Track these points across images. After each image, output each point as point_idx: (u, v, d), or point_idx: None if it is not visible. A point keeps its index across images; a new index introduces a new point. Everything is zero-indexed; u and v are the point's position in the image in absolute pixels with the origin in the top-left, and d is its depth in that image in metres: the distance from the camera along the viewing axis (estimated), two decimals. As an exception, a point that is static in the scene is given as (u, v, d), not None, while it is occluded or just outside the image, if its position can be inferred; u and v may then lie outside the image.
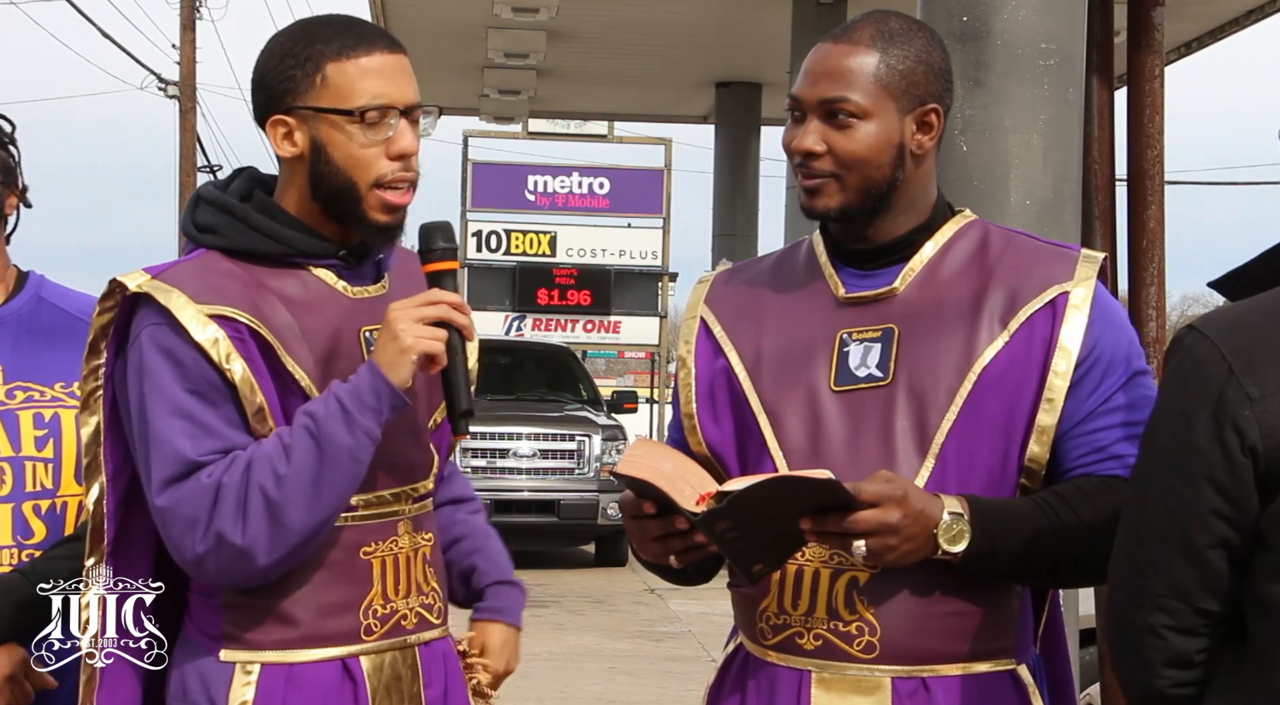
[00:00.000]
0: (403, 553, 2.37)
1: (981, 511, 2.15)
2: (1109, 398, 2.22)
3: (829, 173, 2.24)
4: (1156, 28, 3.92)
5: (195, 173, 24.27)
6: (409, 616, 2.38)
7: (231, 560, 2.21)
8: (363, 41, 2.31)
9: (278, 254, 2.33)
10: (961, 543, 2.12)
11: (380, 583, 2.34)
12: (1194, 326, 1.88)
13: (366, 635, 2.34)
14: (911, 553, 2.11)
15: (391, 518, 2.36)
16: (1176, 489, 1.82)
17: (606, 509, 13.41)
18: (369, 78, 2.29)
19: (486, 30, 12.85)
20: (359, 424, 2.21)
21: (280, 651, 2.31)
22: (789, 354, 2.30)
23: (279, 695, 2.30)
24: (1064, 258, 2.29)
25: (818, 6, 11.56)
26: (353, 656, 2.33)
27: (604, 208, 22.01)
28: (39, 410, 2.72)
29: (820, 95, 2.24)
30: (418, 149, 2.33)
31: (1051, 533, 2.16)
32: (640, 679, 8.99)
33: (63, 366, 2.76)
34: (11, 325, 2.78)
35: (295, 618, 2.31)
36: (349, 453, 2.21)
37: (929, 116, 2.27)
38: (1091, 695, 4.80)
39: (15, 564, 2.66)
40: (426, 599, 2.41)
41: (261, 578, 2.26)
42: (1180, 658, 1.84)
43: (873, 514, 2.07)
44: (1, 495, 2.67)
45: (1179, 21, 11.28)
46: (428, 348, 2.23)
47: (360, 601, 2.33)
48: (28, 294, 2.82)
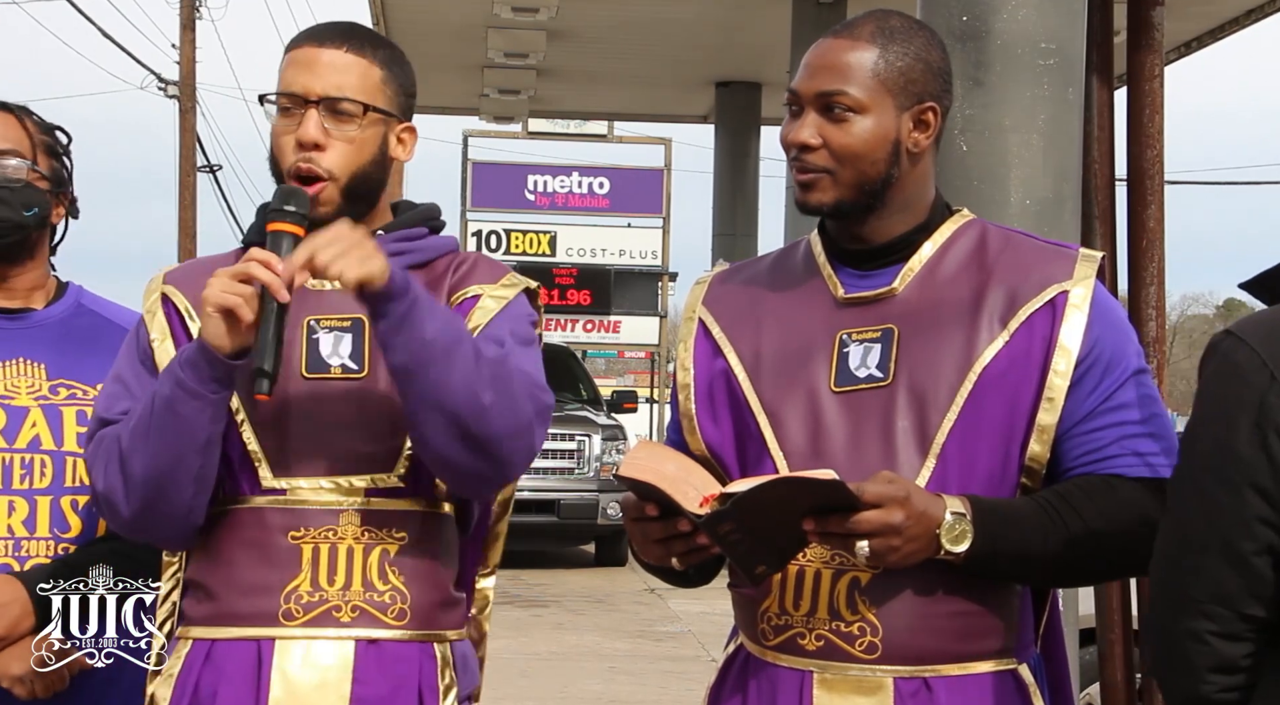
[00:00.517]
0: (344, 543, 2.35)
1: (983, 512, 2.15)
2: (1109, 397, 2.22)
3: (823, 167, 2.24)
4: (1156, 27, 3.92)
5: (195, 173, 24.27)
6: (344, 609, 2.34)
7: (105, 508, 2.37)
8: (305, 36, 2.43)
9: (253, 243, 2.40)
10: (964, 543, 2.12)
11: (310, 569, 2.34)
12: (1231, 332, 1.88)
13: (286, 619, 2.33)
14: (914, 553, 2.11)
15: (331, 506, 2.35)
16: (1218, 496, 1.82)
17: (606, 509, 13.41)
18: (290, 68, 2.40)
19: (486, 30, 12.84)
20: (177, 377, 2.29)
21: (206, 627, 2.37)
22: (788, 355, 2.30)
23: (196, 671, 2.35)
24: (1063, 257, 2.29)
25: (817, 6, 11.55)
26: (267, 640, 2.33)
27: (604, 207, 22.00)
28: (82, 408, 2.78)
29: (817, 88, 2.24)
30: (316, 138, 2.35)
31: (1053, 533, 2.17)
32: (640, 679, 8.99)
33: (103, 369, 2.81)
34: (53, 328, 2.86)
35: (217, 594, 2.37)
36: (167, 404, 2.29)
37: (926, 115, 2.27)
38: (1091, 695, 4.80)
39: (53, 556, 2.71)
40: (380, 597, 2.36)
41: (148, 536, 2.39)
42: (1225, 663, 1.83)
43: (876, 515, 2.07)
44: (42, 487, 2.73)
45: (1179, 21, 11.28)
46: (220, 301, 2.24)
47: (284, 585, 2.34)
48: (68, 301, 2.92)
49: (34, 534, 2.71)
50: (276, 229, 2.30)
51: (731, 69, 14.89)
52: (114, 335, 2.86)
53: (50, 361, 2.82)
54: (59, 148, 2.88)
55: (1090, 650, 4.92)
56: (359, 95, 2.37)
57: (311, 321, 2.38)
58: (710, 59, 14.36)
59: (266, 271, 2.23)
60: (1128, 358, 2.25)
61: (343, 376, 2.37)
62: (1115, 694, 3.78)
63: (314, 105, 2.36)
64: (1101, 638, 3.81)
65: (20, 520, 2.70)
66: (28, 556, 2.69)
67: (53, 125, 2.89)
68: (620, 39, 13.56)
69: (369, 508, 2.37)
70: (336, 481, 2.36)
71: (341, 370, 2.36)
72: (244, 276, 2.24)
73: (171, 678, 2.37)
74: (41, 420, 2.76)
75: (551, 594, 12.25)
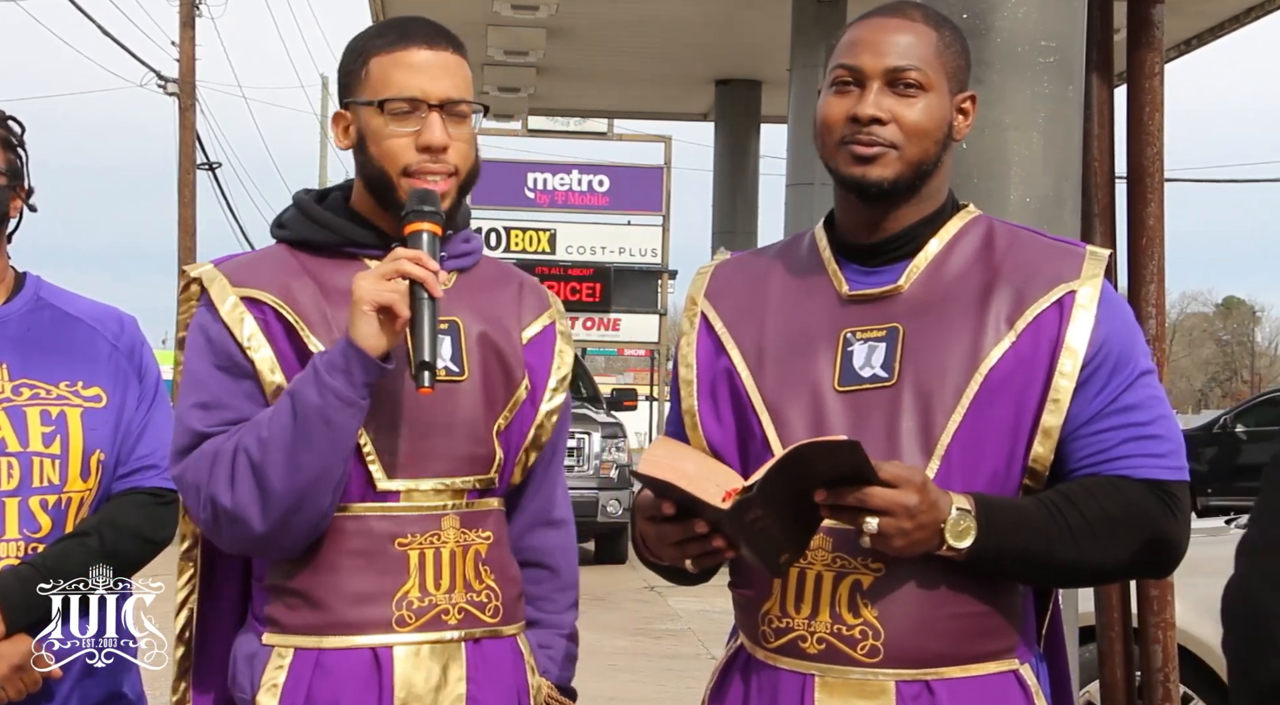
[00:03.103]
0: (446, 547, 2.37)
1: (988, 509, 2.14)
2: (1115, 398, 2.21)
3: (890, 142, 2.23)
4: (1156, 25, 3.91)
5: (195, 170, 24.23)
6: (451, 612, 2.37)
7: (229, 525, 2.28)
8: (404, 38, 2.40)
9: (331, 243, 2.42)
10: (967, 538, 2.12)
11: (418, 575, 2.35)
12: None
13: (399, 626, 2.34)
14: (918, 543, 2.10)
15: (433, 511, 2.37)
16: None
17: (606, 506, 13.43)
18: (401, 71, 2.37)
19: (486, 28, 12.85)
20: (327, 385, 2.25)
21: (312, 637, 2.34)
22: (791, 352, 2.29)
23: (307, 680, 2.32)
24: (1070, 255, 2.28)
25: (817, 4, 11.56)
26: (384, 647, 2.33)
27: (604, 205, 22.03)
28: (46, 407, 2.76)
29: (887, 64, 2.24)
30: (446, 142, 2.38)
31: (1057, 532, 2.16)
32: (640, 676, 8.99)
33: (66, 366, 2.80)
34: (13, 325, 2.82)
35: (326, 604, 2.33)
36: (318, 413, 2.24)
37: (966, 103, 2.30)
38: (1091, 694, 4.79)
39: (22, 557, 2.69)
40: (479, 597, 2.40)
41: (273, 550, 2.31)
42: None
43: (890, 492, 2.06)
44: (9, 489, 2.71)
45: (1179, 19, 11.28)
46: (377, 298, 2.25)
47: (394, 592, 2.34)
48: (27, 295, 2.87)
49: (3, 536, 2.69)
50: (416, 228, 2.33)
51: (731, 67, 14.89)
52: (76, 331, 2.84)
53: (12, 362, 2.78)
54: (14, 139, 2.83)
55: (1090, 649, 4.92)
56: (470, 96, 2.41)
57: None
58: (710, 57, 14.36)
59: (420, 267, 2.27)
60: (1135, 358, 2.24)
61: (446, 379, 2.37)
62: (1115, 693, 3.78)
63: (436, 108, 2.37)
64: (1101, 636, 3.81)
65: None
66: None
67: (5, 115, 2.84)
68: (620, 37, 13.56)
69: (468, 509, 2.41)
70: (445, 483, 2.38)
71: (445, 372, 2.37)
72: (394, 274, 2.26)
73: (277, 688, 2.33)
74: (5, 422, 2.73)
75: (551, 592, 12.23)
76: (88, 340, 2.84)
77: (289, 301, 2.36)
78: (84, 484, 2.76)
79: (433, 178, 2.37)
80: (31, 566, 2.64)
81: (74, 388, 2.79)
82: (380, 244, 2.41)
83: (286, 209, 2.51)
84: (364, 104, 2.39)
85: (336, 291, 2.36)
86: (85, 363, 2.82)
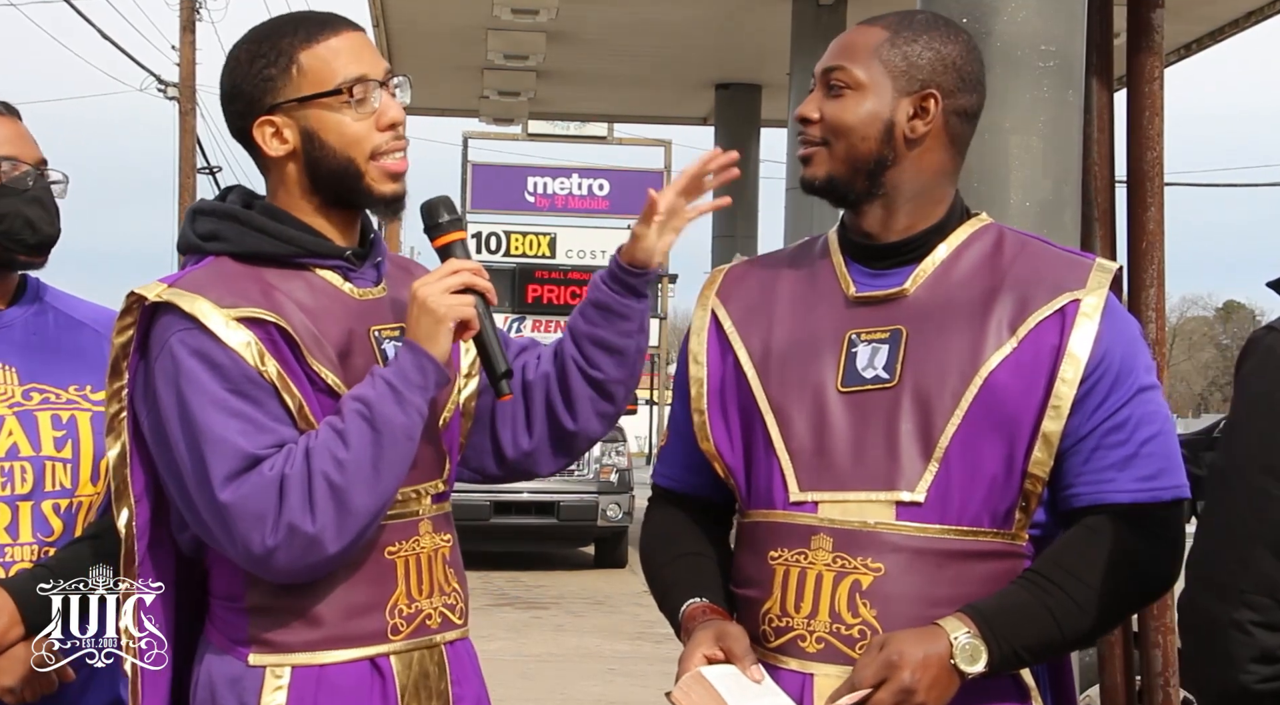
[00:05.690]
0: (424, 552, 2.38)
1: (988, 619, 2.14)
2: (1114, 413, 2.21)
3: (819, 140, 2.29)
4: (1156, 29, 3.91)
5: (195, 174, 24.27)
6: (433, 616, 2.39)
7: (302, 551, 2.20)
8: (325, 26, 2.36)
9: (285, 254, 2.35)
10: (981, 658, 2.12)
11: (405, 582, 2.36)
12: (1274, 326, 1.91)
13: (393, 635, 2.35)
14: (941, 696, 2.11)
15: (413, 517, 2.37)
16: (1267, 488, 1.84)
17: (606, 510, 13.40)
18: (340, 57, 2.34)
19: (486, 32, 12.84)
20: (409, 402, 2.24)
21: (309, 653, 2.31)
22: (797, 352, 2.30)
23: (310, 696, 2.30)
24: (1077, 265, 2.28)
25: (817, 8, 11.57)
26: (382, 656, 2.34)
27: (603, 209, 22.01)
28: (56, 412, 2.77)
29: (824, 65, 2.31)
30: (404, 117, 2.38)
31: (1064, 612, 2.17)
32: (640, 680, 8.98)
33: (74, 370, 2.81)
34: (19, 329, 2.82)
35: (322, 618, 2.31)
36: (404, 431, 2.24)
37: (927, 102, 2.27)
38: (1091, 697, 4.79)
39: (36, 560, 2.70)
40: (449, 599, 2.43)
41: (328, 566, 2.26)
42: (1267, 653, 1.84)
43: (885, 691, 2.09)
44: (23, 493, 2.71)
45: (1179, 23, 11.29)
46: (461, 313, 2.27)
47: (385, 601, 2.34)
48: (31, 298, 2.87)
49: (17, 540, 2.69)
50: (450, 239, 2.34)
51: (731, 71, 14.90)
52: (82, 335, 2.85)
53: (21, 366, 2.78)
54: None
55: (1090, 653, 4.92)
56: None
57: (375, 332, 2.38)
58: (710, 61, 14.37)
59: (484, 280, 2.30)
60: (1136, 372, 2.23)
61: None
62: (1115, 696, 3.78)
63: (383, 85, 2.36)
64: (1101, 640, 3.81)
65: (3, 527, 2.68)
66: (12, 562, 2.68)
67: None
68: (620, 41, 13.57)
69: (436, 513, 2.42)
70: (419, 489, 2.39)
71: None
72: (461, 286, 2.27)
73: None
74: (17, 427, 2.73)
75: (551, 596, 12.24)
76: (94, 344, 2.84)
77: (285, 319, 2.28)
78: (94, 488, 2.77)
79: (398, 155, 2.36)
80: (47, 568, 2.64)
81: (83, 392, 2.80)
82: (339, 253, 2.37)
83: (199, 220, 2.38)
84: (316, 97, 2.31)
85: (304, 305, 2.32)
86: (92, 367, 2.83)
